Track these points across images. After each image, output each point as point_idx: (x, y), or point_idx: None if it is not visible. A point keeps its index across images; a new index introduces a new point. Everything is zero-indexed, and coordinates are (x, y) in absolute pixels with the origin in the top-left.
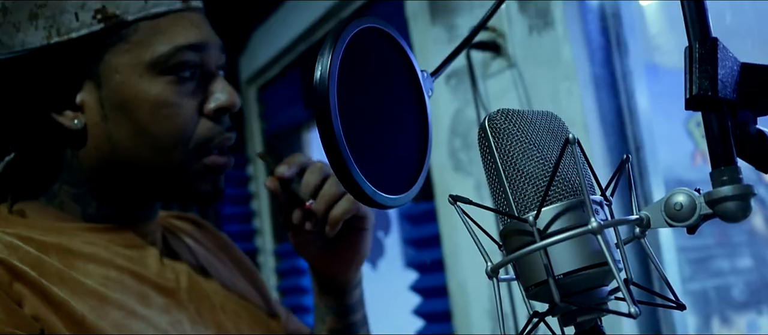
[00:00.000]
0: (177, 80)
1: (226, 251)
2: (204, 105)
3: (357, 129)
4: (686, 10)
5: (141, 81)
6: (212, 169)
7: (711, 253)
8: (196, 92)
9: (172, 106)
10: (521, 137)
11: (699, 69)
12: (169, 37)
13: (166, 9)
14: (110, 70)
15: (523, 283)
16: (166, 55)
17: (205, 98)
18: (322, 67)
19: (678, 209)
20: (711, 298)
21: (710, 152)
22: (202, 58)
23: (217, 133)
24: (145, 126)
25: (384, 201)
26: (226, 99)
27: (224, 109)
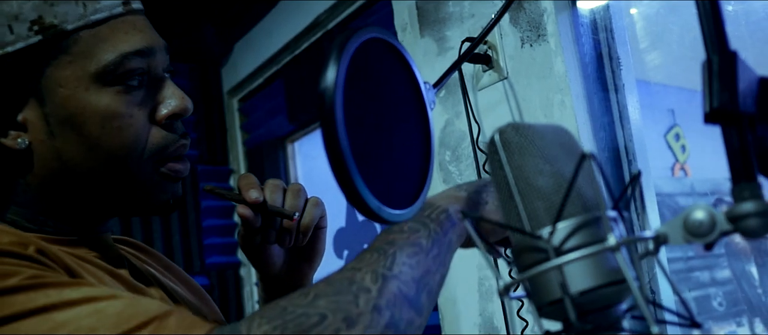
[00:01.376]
0: (125, 90)
1: (173, 272)
2: (155, 112)
3: (362, 143)
4: (704, 23)
5: (87, 94)
6: (169, 177)
7: (691, 265)
8: (145, 99)
9: (123, 117)
10: (533, 151)
11: (719, 82)
12: (112, 45)
13: (107, 15)
14: (53, 85)
15: (536, 302)
16: (111, 64)
17: (156, 105)
18: (328, 79)
19: (698, 225)
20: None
21: (731, 167)
22: (149, 64)
23: (171, 141)
24: (95, 140)
25: (390, 217)
26: (178, 104)
27: (177, 115)
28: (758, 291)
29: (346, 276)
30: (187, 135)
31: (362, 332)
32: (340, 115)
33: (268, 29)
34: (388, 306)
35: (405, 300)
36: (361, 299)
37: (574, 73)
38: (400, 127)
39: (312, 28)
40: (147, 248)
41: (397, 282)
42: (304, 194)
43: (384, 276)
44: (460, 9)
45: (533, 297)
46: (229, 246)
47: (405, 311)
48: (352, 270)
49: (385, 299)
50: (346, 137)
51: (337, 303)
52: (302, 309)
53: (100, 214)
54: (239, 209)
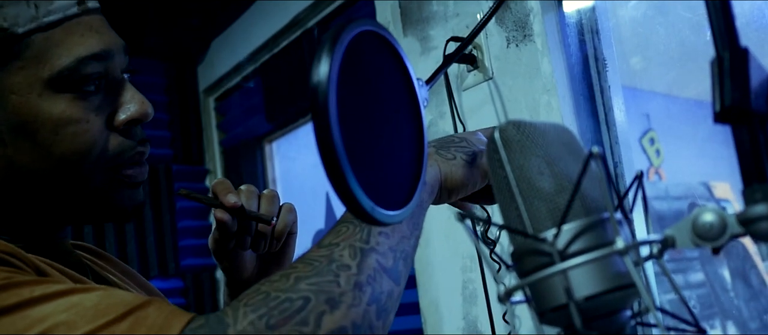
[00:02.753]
0: (81, 96)
1: (131, 277)
2: (114, 118)
3: (355, 140)
4: (713, 18)
5: (40, 100)
6: (127, 183)
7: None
8: (103, 104)
9: (79, 123)
10: (535, 150)
11: (731, 80)
12: (68, 49)
13: (61, 16)
14: (4, 91)
15: (538, 307)
16: (66, 69)
17: (114, 109)
18: (321, 73)
19: (708, 228)
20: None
21: (742, 168)
22: (106, 67)
23: (128, 147)
24: (48, 148)
25: (382, 218)
26: (137, 109)
27: (136, 120)
28: (730, 294)
29: (325, 254)
30: (147, 141)
31: (346, 311)
32: (334, 110)
33: (246, 27)
34: (368, 282)
35: (384, 271)
36: (342, 277)
37: (561, 74)
38: (393, 124)
39: (291, 26)
40: (104, 253)
41: (375, 254)
42: (279, 200)
43: (362, 250)
44: (444, 8)
45: (535, 303)
46: (205, 248)
47: (384, 283)
48: (329, 246)
49: (365, 274)
50: (340, 134)
51: (319, 284)
52: (285, 293)
53: (56, 221)
54: (217, 214)
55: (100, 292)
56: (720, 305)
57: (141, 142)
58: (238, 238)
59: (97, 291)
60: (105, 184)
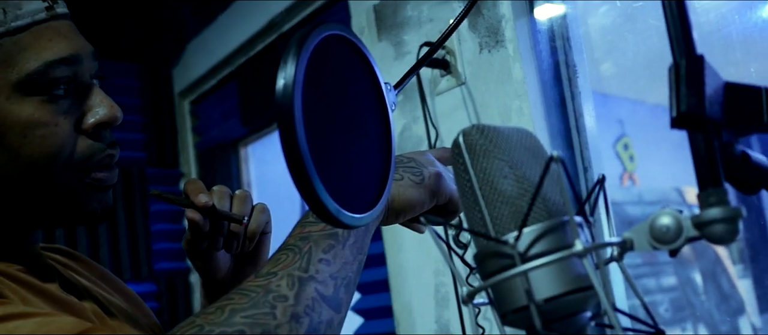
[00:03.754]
0: (50, 99)
1: (107, 281)
2: (82, 121)
3: (321, 144)
4: (671, 26)
5: (8, 103)
6: (96, 186)
7: (639, 272)
8: (71, 108)
9: (47, 126)
10: (498, 154)
11: (686, 87)
12: (36, 53)
13: (30, 21)
14: None
15: (500, 309)
16: (35, 73)
17: (83, 113)
18: (287, 76)
19: (665, 231)
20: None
21: (697, 172)
22: (75, 72)
23: (97, 151)
24: (16, 150)
25: (348, 221)
26: (106, 113)
27: (105, 124)
28: (702, 297)
29: (262, 285)
30: (116, 144)
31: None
32: (299, 114)
33: (222, 30)
34: (306, 312)
35: (323, 300)
36: (278, 309)
37: (532, 79)
38: (361, 128)
39: (267, 29)
40: (79, 256)
41: (314, 283)
42: (251, 200)
43: (300, 280)
44: (418, 13)
45: (497, 305)
46: (178, 252)
47: (324, 312)
48: (267, 276)
49: (302, 305)
50: (305, 137)
51: (254, 316)
52: (219, 328)
53: (25, 225)
54: (188, 214)
55: (38, 319)
56: (692, 308)
57: (110, 145)
58: (210, 238)
59: (35, 317)
60: (74, 187)
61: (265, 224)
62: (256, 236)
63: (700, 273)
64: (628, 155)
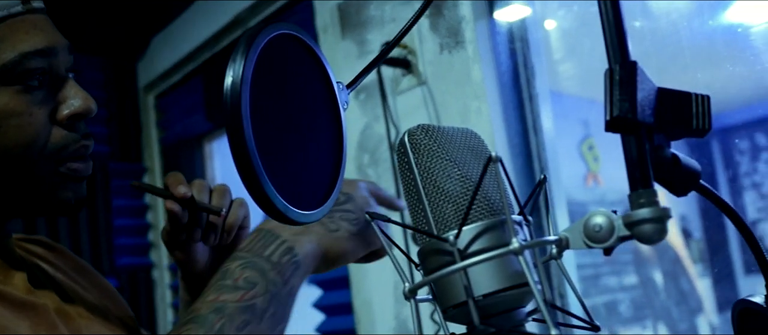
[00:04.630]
0: (25, 89)
1: (83, 273)
2: (57, 112)
3: (269, 140)
4: (607, 33)
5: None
6: (70, 177)
7: (601, 271)
8: (46, 99)
9: (22, 115)
10: (442, 153)
11: (619, 92)
12: (12, 44)
13: (5, 13)
14: None
15: (441, 304)
16: (10, 63)
17: (58, 104)
18: (235, 73)
19: (597, 230)
20: (601, 313)
21: (629, 174)
22: (50, 64)
23: (71, 141)
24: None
25: (296, 217)
26: (81, 104)
27: (79, 115)
28: (662, 296)
29: None
30: (90, 136)
31: None
32: (247, 112)
33: (187, 25)
34: None
35: None
36: None
37: (491, 81)
38: (312, 126)
39: (232, 25)
40: (58, 248)
41: None
42: (230, 194)
43: None
44: (381, 13)
45: (439, 300)
46: (141, 247)
47: None
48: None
49: None
50: (252, 134)
51: None
52: None
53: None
54: (167, 204)
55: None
56: (652, 307)
57: (84, 136)
58: (188, 230)
59: None
60: (49, 177)
61: (244, 218)
62: (234, 230)
63: (660, 273)
64: (592, 156)
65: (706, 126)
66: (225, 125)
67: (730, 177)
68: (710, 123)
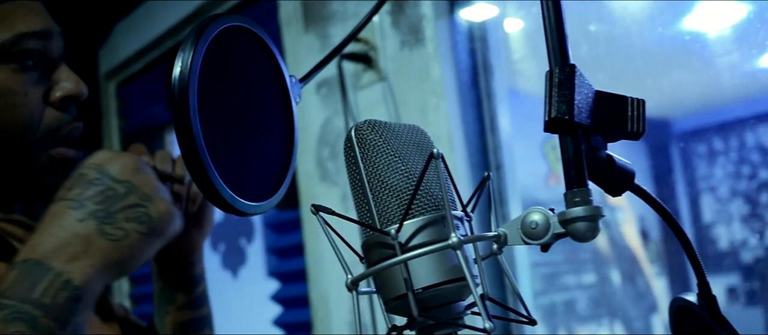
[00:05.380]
0: (20, 68)
1: None
2: (49, 94)
3: (218, 131)
4: (548, 37)
5: None
6: (60, 161)
7: (560, 269)
8: (40, 80)
9: (17, 94)
10: (387, 149)
11: (558, 93)
12: (10, 25)
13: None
14: None
15: (383, 296)
16: (8, 42)
17: (50, 86)
18: (183, 64)
19: (533, 227)
20: (559, 311)
21: (565, 174)
22: (45, 47)
23: (65, 122)
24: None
25: (244, 208)
26: (73, 87)
27: (71, 97)
28: (619, 295)
29: None
30: (81, 120)
31: None
32: (194, 102)
33: (152, 12)
34: None
35: None
36: None
37: (450, 79)
38: (263, 120)
39: (197, 14)
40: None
41: None
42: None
43: None
44: (344, 8)
45: (380, 293)
46: None
47: None
48: None
49: None
50: (199, 124)
51: None
52: None
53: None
54: None
55: None
56: (609, 305)
57: (76, 119)
58: None
59: None
60: (40, 159)
61: None
62: (199, 198)
63: (618, 272)
64: (555, 156)
65: (641, 129)
66: (172, 116)
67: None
68: (644, 126)
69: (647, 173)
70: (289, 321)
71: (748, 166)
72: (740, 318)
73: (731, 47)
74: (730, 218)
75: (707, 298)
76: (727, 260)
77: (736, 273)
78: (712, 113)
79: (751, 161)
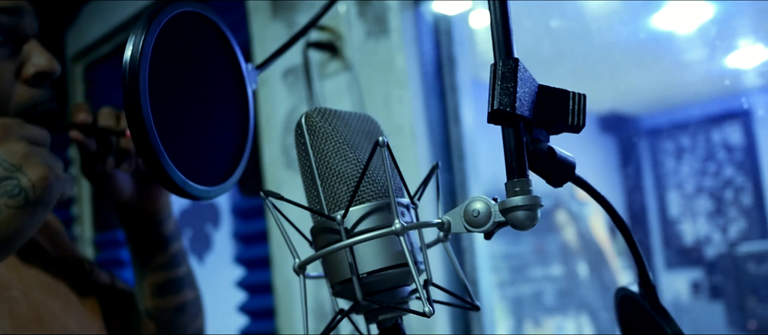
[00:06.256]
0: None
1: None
2: (22, 70)
3: (170, 115)
4: (494, 30)
5: None
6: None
7: (528, 261)
8: (11, 56)
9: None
10: (336, 136)
11: (500, 86)
12: None
13: None
14: None
15: (330, 281)
16: None
17: (22, 63)
18: (134, 48)
19: (475, 215)
20: (526, 302)
21: (506, 164)
22: (16, 23)
23: (39, 99)
24: None
25: (194, 192)
26: (45, 63)
27: (44, 74)
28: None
29: None
30: (55, 100)
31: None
32: (144, 85)
33: None
34: None
35: None
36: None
37: (414, 70)
38: (218, 106)
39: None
40: None
41: None
42: None
43: None
44: None
45: (328, 277)
46: (64, 222)
47: None
48: None
49: None
50: (149, 107)
51: None
52: None
53: None
54: (71, 134)
55: None
56: (575, 297)
57: (50, 99)
58: (100, 158)
59: None
60: None
61: None
62: None
63: (586, 265)
64: None
65: (581, 122)
66: (123, 100)
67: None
68: (584, 119)
69: (616, 169)
70: (253, 308)
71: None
72: (704, 311)
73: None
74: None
75: (647, 287)
76: (692, 255)
77: (701, 268)
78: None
79: (717, 158)
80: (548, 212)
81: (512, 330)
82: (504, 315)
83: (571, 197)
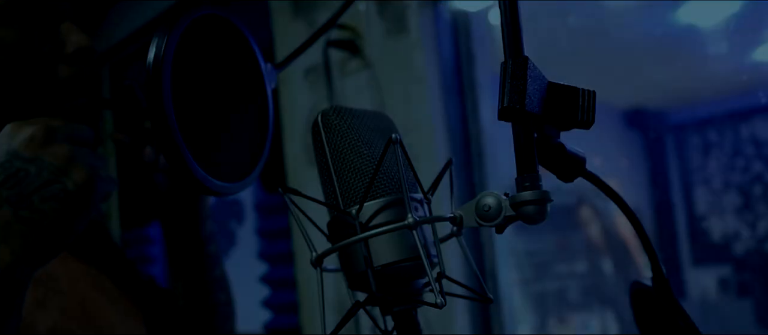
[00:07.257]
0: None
1: None
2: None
3: (191, 114)
4: (504, 29)
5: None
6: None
7: (552, 258)
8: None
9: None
10: (351, 133)
11: (510, 83)
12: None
13: None
14: None
15: (346, 274)
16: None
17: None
18: (157, 50)
19: (486, 210)
20: (550, 299)
21: (517, 159)
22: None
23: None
24: None
25: (216, 188)
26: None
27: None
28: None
29: None
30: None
31: None
32: (167, 85)
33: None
34: None
35: None
36: None
37: (433, 67)
38: (238, 104)
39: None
40: None
41: None
42: None
43: None
44: None
45: (344, 270)
46: None
47: None
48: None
49: None
50: (172, 107)
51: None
52: None
53: None
54: (111, 134)
55: None
56: (600, 294)
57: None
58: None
59: None
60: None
61: None
62: None
63: (611, 261)
64: None
65: (590, 119)
66: (147, 100)
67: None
68: (594, 116)
69: (641, 164)
70: (277, 303)
71: (742, 158)
72: (732, 308)
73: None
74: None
75: (659, 281)
76: (719, 251)
77: (729, 265)
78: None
79: (745, 153)
80: (572, 208)
81: (536, 327)
82: (526, 312)
83: (596, 193)
